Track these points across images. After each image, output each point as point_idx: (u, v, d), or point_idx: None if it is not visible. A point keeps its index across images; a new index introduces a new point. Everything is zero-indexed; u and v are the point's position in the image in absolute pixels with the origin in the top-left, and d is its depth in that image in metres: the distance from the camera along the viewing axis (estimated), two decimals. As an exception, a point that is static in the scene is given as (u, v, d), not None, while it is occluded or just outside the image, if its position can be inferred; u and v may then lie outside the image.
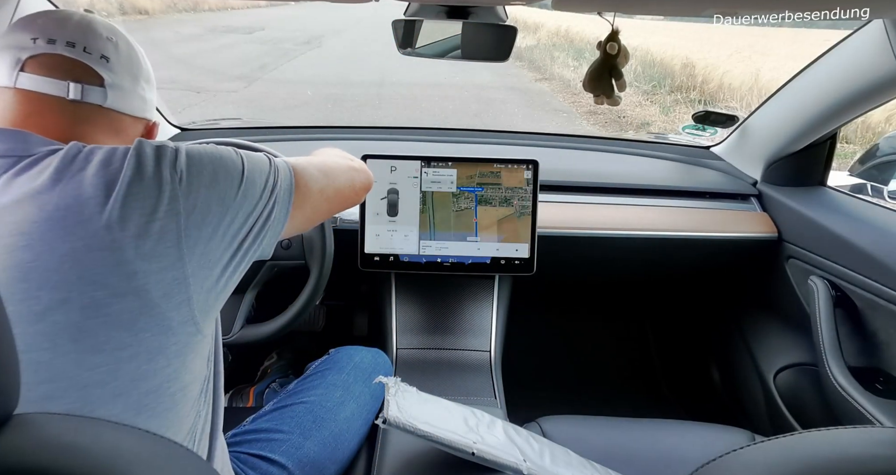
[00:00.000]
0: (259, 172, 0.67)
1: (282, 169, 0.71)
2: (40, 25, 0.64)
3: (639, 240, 1.39)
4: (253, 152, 0.70)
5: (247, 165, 0.67)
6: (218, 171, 0.63)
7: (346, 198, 0.84)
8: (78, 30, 0.65)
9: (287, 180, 0.71)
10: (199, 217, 0.60)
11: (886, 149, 1.82)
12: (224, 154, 0.66)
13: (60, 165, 0.58)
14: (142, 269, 0.56)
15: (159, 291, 0.57)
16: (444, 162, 1.26)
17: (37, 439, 0.36)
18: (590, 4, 0.90)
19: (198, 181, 0.61)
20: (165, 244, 0.58)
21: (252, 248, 0.67)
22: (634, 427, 1.08)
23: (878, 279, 1.13)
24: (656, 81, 8.78)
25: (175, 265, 0.58)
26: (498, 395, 1.18)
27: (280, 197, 0.69)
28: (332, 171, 0.81)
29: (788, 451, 0.49)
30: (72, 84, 0.64)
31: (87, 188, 0.57)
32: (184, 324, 0.60)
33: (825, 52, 1.21)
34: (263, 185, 0.67)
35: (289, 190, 0.71)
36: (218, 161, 0.64)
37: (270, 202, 0.68)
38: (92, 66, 0.65)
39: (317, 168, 0.78)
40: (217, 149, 0.66)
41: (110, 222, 0.56)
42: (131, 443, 0.39)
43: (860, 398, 1.09)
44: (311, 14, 18.26)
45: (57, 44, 0.64)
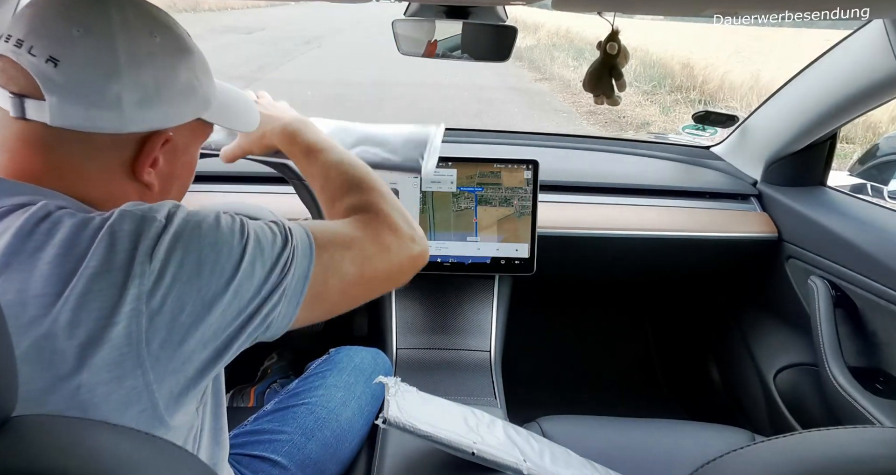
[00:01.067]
0: (261, 265, 0.54)
1: (298, 258, 0.56)
2: (17, 16, 0.53)
3: (639, 241, 1.39)
4: (267, 231, 0.56)
5: (246, 257, 0.53)
6: (204, 263, 0.50)
7: (380, 290, 0.67)
8: (38, 22, 0.51)
9: (303, 271, 0.56)
10: (167, 318, 0.48)
11: (886, 149, 1.83)
12: (220, 239, 0.52)
13: (17, 239, 0.47)
14: (87, 382, 0.46)
15: (110, 405, 0.47)
16: (444, 162, 1.26)
17: (35, 441, 0.36)
18: (590, 4, 0.90)
19: (173, 275, 0.49)
20: (121, 351, 0.47)
21: (243, 346, 0.54)
22: (634, 427, 1.08)
23: (878, 279, 1.13)
24: (656, 81, 8.78)
25: (133, 374, 0.47)
26: (498, 395, 1.18)
27: (288, 292, 0.55)
28: (373, 264, 0.63)
29: (788, 451, 0.49)
30: (11, 97, 0.51)
31: (36, 281, 0.46)
32: (149, 430, 0.48)
33: (825, 52, 1.21)
34: (264, 280, 0.54)
35: (302, 283, 0.56)
36: (208, 249, 0.51)
37: (272, 300, 0.54)
38: (31, 73, 0.50)
39: (353, 260, 0.61)
40: (215, 230, 0.52)
41: (55, 329, 0.45)
42: (130, 446, 0.39)
43: (860, 398, 1.09)
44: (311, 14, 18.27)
45: (9, 42, 0.52)
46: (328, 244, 0.60)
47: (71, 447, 0.37)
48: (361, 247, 0.63)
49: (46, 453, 0.35)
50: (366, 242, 0.64)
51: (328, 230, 0.63)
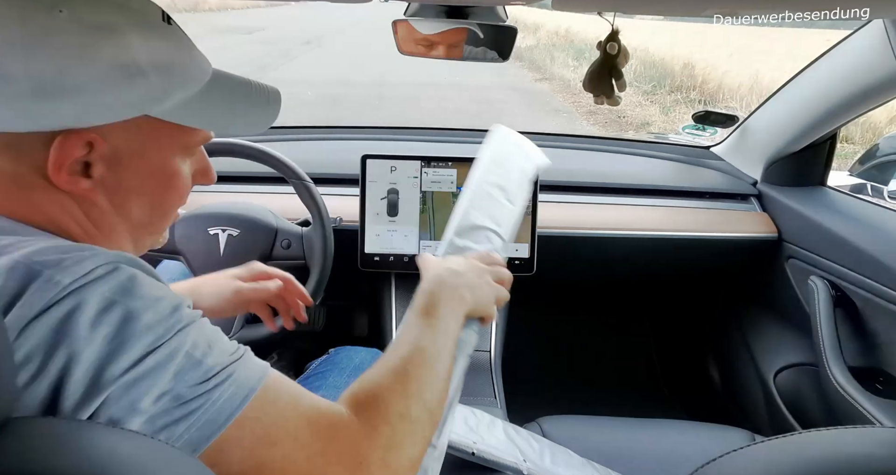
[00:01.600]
0: (154, 396, 0.41)
1: (203, 418, 0.42)
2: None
3: (639, 240, 1.39)
4: (194, 359, 0.43)
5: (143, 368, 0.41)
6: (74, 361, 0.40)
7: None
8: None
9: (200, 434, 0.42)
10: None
11: (886, 149, 1.83)
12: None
13: None
14: None
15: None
16: (444, 162, 1.26)
17: (34, 443, 0.36)
18: (590, 4, 0.90)
19: (33, 375, 0.39)
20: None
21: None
22: (634, 427, 1.08)
23: (878, 279, 1.13)
24: (656, 81, 8.78)
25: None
26: (498, 395, 1.18)
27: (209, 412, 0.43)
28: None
29: (788, 451, 0.49)
30: None
31: None
32: None
33: (825, 52, 1.21)
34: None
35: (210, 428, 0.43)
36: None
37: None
38: None
39: (259, 459, 0.44)
40: (144, 328, 0.41)
41: None
42: (129, 447, 0.39)
43: (860, 398, 1.09)
44: (311, 14, 18.27)
45: None
46: (251, 423, 0.44)
47: (70, 449, 0.37)
48: (286, 454, 0.45)
49: (45, 455, 0.35)
50: (300, 452, 0.45)
51: (276, 406, 0.46)
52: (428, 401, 0.54)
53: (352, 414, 0.49)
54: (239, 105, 0.56)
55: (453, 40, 1.02)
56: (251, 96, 0.56)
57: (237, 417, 0.43)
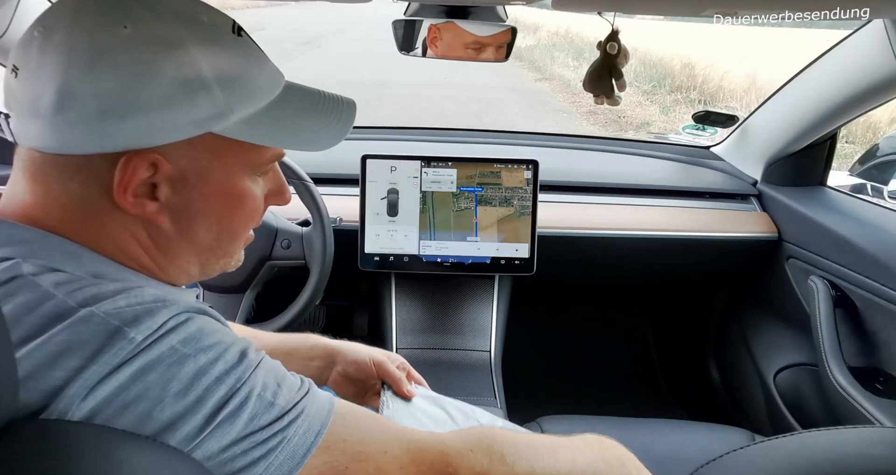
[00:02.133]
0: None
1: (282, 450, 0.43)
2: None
3: (639, 240, 1.39)
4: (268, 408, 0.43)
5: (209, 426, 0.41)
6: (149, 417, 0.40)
7: None
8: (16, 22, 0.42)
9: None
10: None
11: (886, 149, 1.83)
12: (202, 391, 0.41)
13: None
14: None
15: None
16: (444, 162, 1.26)
17: (36, 446, 0.36)
18: (590, 4, 0.90)
19: (104, 416, 0.39)
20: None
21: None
22: (634, 427, 1.08)
23: (878, 279, 1.13)
24: (656, 81, 8.78)
25: None
26: (498, 395, 1.18)
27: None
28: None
29: (788, 451, 0.49)
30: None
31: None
32: None
33: (825, 52, 1.21)
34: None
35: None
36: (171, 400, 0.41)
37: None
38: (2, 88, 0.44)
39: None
40: (218, 377, 0.42)
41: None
42: (131, 451, 0.39)
43: (860, 398, 1.09)
44: (310, 14, 18.26)
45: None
46: (339, 445, 0.46)
47: (72, 452, 0.37)
48: (379, 467, 0.47)
49: (48, 458, 0.35)
50: (392, 464, 0.47)
51: (358, 428, 0.48)
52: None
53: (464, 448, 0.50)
54: (310, 119, 0.52)
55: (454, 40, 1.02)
56: (323, 109, 0.53)
57: (320, 444, 0.44)
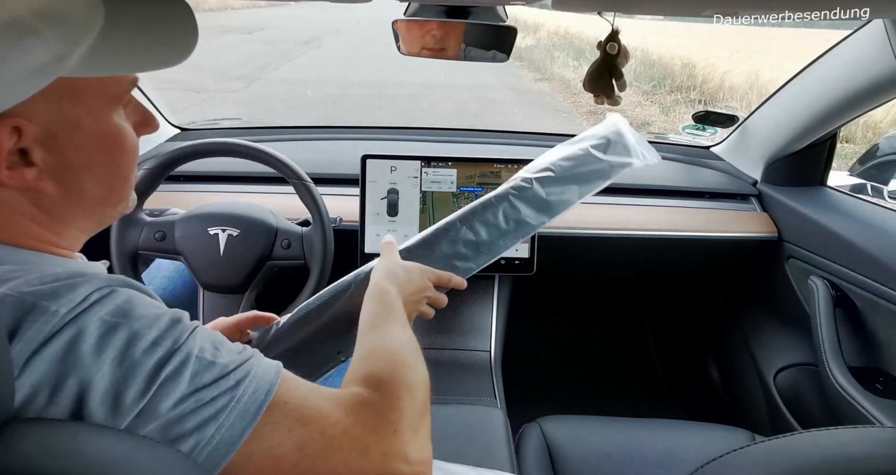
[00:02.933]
0: (173, 403, 0.41)
1: (233, 415, 0.43)
2: None
3: (639, 240, 1.39)
4: (205, 365, 0.43)
5: (158, 384, 0.41)
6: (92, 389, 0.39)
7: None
8: None
9: (230, 435, 0.42)
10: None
11: (886, 149, 1.83)
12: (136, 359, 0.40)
13: None
14: None
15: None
16: (444, 162, 1.26)
17: (31, 446, 0.36)
18: (590, 4, 0.90)
19: (47, 401, 0.39)
20: None
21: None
22: (634, 427, 1.08)
23: (878, 279, 1.13)
24: (656, 81, 8.79)
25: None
26: (498, 395, 1.18)
27: (204, 453, 0.42)
28: (327, 459, 0.45)
29: (788, 451, 0.49)
30: None
31: None
32: None
33: (825, 52, 1.21)
34: (166, 426, 0.41)
35: (224, 448, 0.42)
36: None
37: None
38: None
39: (300, 441, 0.45)
40: (146, 351, 0.41)
41: None
42: (126, 450, 0.39)
43: (860, 398, 1.09)
44: (310, 14, 18.27)
45: None
46: (282, 407, 0.45)
47: (67, 451, 0.37)
48: (324, 431, 0.46)
49: (43, 457, 0.35)
50: (336, 428, 0.46)
51: (300, 392, 0.47)
52: (421, 374, 0.56)
53: (371, 390, 0.51)
54: (148, 33, 0.46)
55: (454, 40, 1.02)
56: (154, 25, 0.47)
57: (267, 405, 0.44)
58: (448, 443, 0.99)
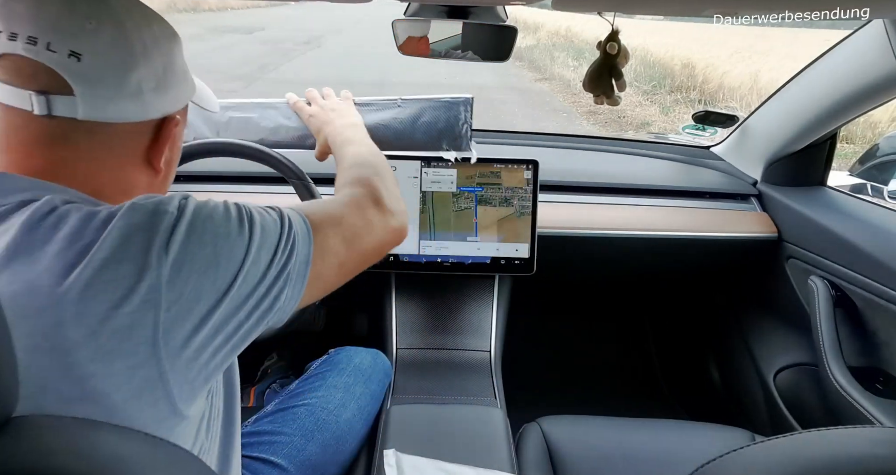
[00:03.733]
0: (266, 250, 0.55)
1: (297, 239, 0.58)
2: (9, 11, 0.51)
3: (639, 240, 1.39)
4: (268, 218, 0.57)
5: (253, 244, 0.54)
6: (219, 253, 0.51)
7: (368, 264, 0.72)
8: (46, 18, 0.50)
9: (304, 253, 0.58)
10: (183, 309, 0.48)
11: (886, 149, 1.83)
12: (231, 229, 0.53)
13: (22, 232, 0.47)
14: (99, 372, 0.45)
15: (124, 394, 0.46)
16: (444, 162, 1.26)
17: (35, 442, 0.36)
18: (590, 4, 0.90)
19: (190, 266, 0.49)
20: (136, 341, 0.46)
21: (255, 328, 0.55)
22: (634, 427, 1.08)
23: (878, 279, 1.13)
24: (656, 81, 8.78)
25: (147, 363, 0.47)
26: (498, 395, 1.18)
27: (292, 276, 0.57)
28: (360, 238, 0.68)
29: (788, 451, 0.49)
30: (34, 95, 0.50)
31: (42, 272, 0.45)
32: (162, 421, 0.49)
33: (825, 52, 1.21)
34: (268, 265, 0.55)
35: (305, 264, 0.58)
36: (221, 240, 0.52)
37: (279, 284, 0.55)
38: (56, 70, 0.50)
39: (342, 236, 0.65)
40: (224, 220, 0.53)
41: (63, 316, 0.44)
42: (131, 447, 0.39)
43: (860, 398, 1.09)
44: (310, 14, 18.27)
45: (18, 39, 0.49)
46: (321, 225, 0.63)
47: (72, 447, 0.37)
48: (349, 224, 0.67)
49: (47, 453, 0.35)
50: (352, 218, 0.69)
51: (319, 210, 0.66)
52: (382, 163, 0.87)
53: (359, 188, 0.76)
54: (203, 86, 0.74)
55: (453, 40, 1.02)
56: (198, 80, 0.72)
57: (312, 230, 0.61)
58: (448, 443, 0.99)
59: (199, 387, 0.52)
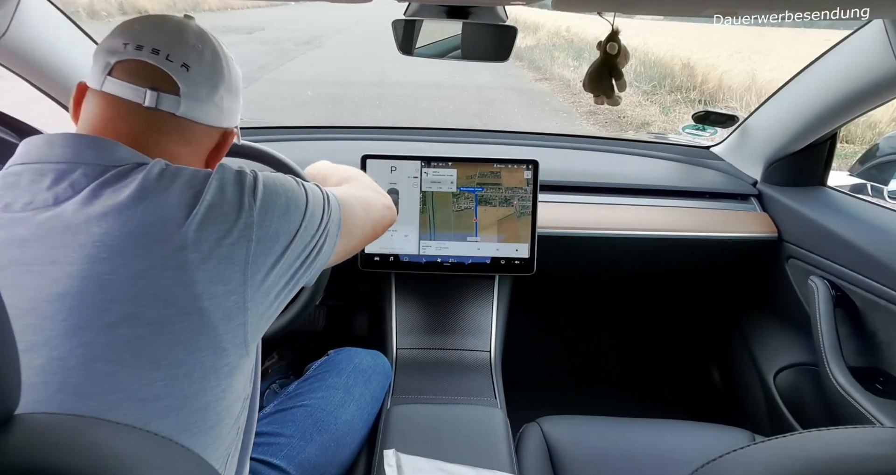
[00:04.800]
0: (318, 207, 0.70)
1: (333, 203, 0.73)
2: (135, 30, 0.66)
3: (639, 241, 1.39)
4: (311, 185, 0.72)
5: (310, 199, 0.69)
6: (290, 204, 0.66)
7: (375, 234, 0.87)
8: (167, 36, 0.65)
9: (337, 214, 0.73)
10: (267, 245, 0.62)
11: (886, 149, 1.83)
12: (293, 186, 0.68)
13: (145, 182, 0.59)
14: (208, 291, 0.58)
15: (220, 314, 0.58)
16: (444, 162, 1.26)
17: (36, 439, 0.36)
18: (590, 4, 0.90)
19: (272, 211, 0.63)
20: (233, 268, 0.59)
21: (303, 278, 0.69)
22: (634, 427, 1.08)
23: (878, 279, 1.13)
24: (656, 81, 8.78)
25: (238, 289, 0.60)
26: (498, 395, 1.18)
27: (331, 231, 0.71)
28: (370, 208, 0.84)
29: (788, 451, 0.49)
30: (148, 91, 0.64)
31: (169, 208, 0.58)
32: (237, 347, 0.61)
33: (825, 52, 1.21)
34: (320, 219, 0.70)
35: (338, 224, 0.73)
36: (289, 193, 0.66)
37: (324, 236, 0.70)
38: (170, 74, 0.64)
39: (359, 203, 0.81)
40: (286, 180, 0.68)
41: (185, 243, 0.57)
42: (131, 444, 0.39)
43: (860, 398, 1.09)
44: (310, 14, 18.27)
45: (143, 50, 0.64)
46: (344, 195, 0.78)
47: (73, 444, 0.37)
48: (361, 197, 0.84)
49: (48, 451, 0.35)
50: (361, 192, 0.85)
51: (336, 188, 0.81)
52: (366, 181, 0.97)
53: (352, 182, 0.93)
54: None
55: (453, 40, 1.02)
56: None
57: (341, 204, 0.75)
58: (448, 443, 0.99)
59: (264, 324, 0.65)
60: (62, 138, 0.62)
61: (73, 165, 0.60)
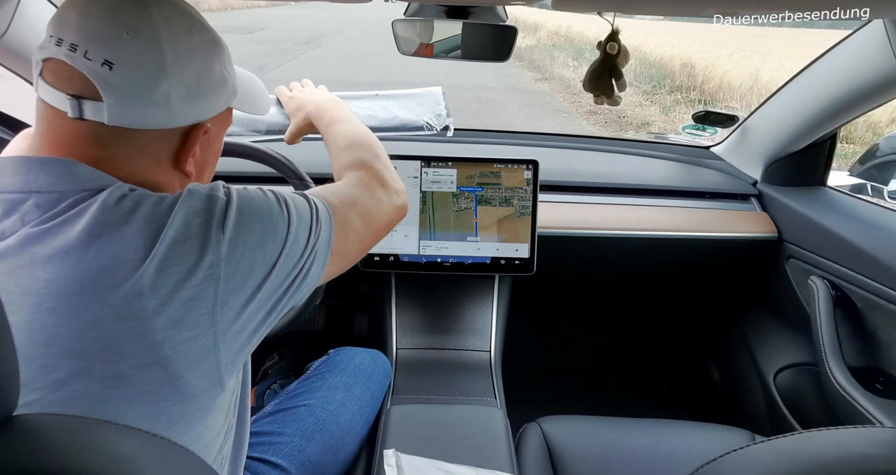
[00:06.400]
0: (303, 227, 0.62)
1: (323, 221, 0.65)
2: (61, 18, 0.55)
3: (639, 241, 1.39)
4: (299, 201, 0.64)
5: (293, 223, 0.61)
6: (266, 232, 0.58)
7: (378, 240, 0.79)
8: (91, 26, 0.53)
9: (327, 232, 0.66)
10: (238, 282, 0.55)
11: (886, 149, 1.83)
12: (272, 209, 0.60)
13: (99, 214, 0.52)
14: (170, 339, 0.51)
15: (186, 361, 0.52)
16: (444, 162, 1.26)
17: (35, 440, 0.36)
18: (590, 4, 0.90)
19: (243, 243, 0.56)
20: (198, 311, 0.52)
21: (288, 304, 0.62)
22: (634, 427, 1.08)
23: (878, 279, 1.13)
24: (656, 81, 8.78)
25: (206, 333, 0.53)
26: (498, 395, 1.18)
27: (319, 252, 0.64)
28: (374, 216, 0.76)
29: (788, 451, 0.49)
30: (69, 99, 0.54)
31: (125, 249, 0.51)
32: (209, 390, 0.55)
33: (825, 52, 1.21)
34: (305, 243, 0.62)
35: (327, 242, 0.66)
36: (266, 218, 0.59)
37: (310, 258, 0.63)
38: (88, 76, 0.53)
39: (360, 215, 0.73)
40: (264, 202, 0.60)
41: (141, 289, 0.51)
42: (131, 445, 0.39)
43: (860, 398, 1.09)
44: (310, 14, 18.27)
45: (62, 45, 0.53)
46: (340, 206, 0.70)
47: (71, 446, 0.37)
48: (364, 204, 0.75)
49: (47, 452, 0.35)
50: (365, 198, 0.76)
51: (337, 193, 0.73)
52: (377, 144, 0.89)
53: (362, 170, 0.81)
54: (256, 87, 0.77)
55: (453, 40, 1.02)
56: (255, 80, 0.78)
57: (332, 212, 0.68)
58: (448, 443, 0.99)
59: (240, 359, 0.58)
60: (13, 163, 0.54)
61: (24, 195, 0.52)
